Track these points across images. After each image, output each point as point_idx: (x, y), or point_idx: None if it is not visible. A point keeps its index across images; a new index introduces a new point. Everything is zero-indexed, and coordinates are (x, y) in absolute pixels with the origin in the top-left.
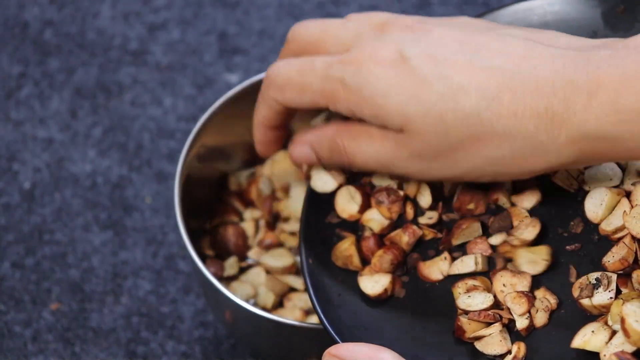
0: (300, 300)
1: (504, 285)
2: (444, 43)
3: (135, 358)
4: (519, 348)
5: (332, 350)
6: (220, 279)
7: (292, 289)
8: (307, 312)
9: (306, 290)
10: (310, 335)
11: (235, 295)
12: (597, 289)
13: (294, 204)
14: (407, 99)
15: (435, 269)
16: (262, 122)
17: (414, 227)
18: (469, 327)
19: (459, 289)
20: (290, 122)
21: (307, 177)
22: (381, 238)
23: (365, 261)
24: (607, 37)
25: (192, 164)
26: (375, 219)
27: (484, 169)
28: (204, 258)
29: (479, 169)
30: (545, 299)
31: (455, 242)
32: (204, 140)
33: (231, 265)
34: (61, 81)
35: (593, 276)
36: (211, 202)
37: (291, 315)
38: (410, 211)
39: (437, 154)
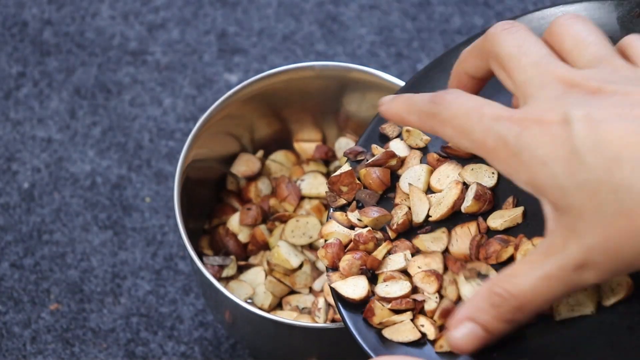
0: (299, 302)
1: (418, 267)
2: (618, 104)
3: (134, 358)
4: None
5: None
6: (220, 279)
7: (293, 292)
8: (307, 313)
9: (339, 314)
10: (309, 335)
11: (234, 295)
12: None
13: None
14: (562, 170)
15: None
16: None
17: (362, 232)
18: (380, 313)
19: (380, 279)
20: None
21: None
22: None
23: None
24: None
25: (191, 164)
26: (337, 230)
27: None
28: (203, 258)
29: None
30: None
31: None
32: (203, 140)
33: (230, 265)
34: (60, 81)
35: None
36: (210, 202)
37: (290, 315)
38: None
39: (596, 232)
